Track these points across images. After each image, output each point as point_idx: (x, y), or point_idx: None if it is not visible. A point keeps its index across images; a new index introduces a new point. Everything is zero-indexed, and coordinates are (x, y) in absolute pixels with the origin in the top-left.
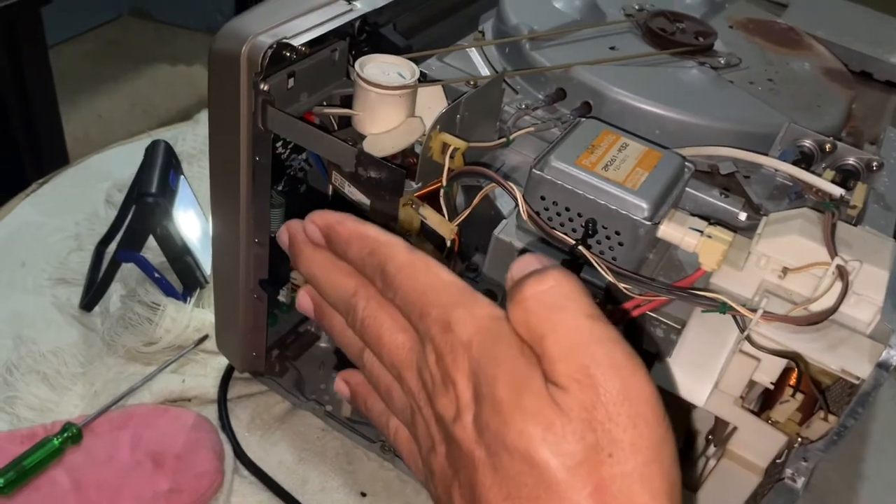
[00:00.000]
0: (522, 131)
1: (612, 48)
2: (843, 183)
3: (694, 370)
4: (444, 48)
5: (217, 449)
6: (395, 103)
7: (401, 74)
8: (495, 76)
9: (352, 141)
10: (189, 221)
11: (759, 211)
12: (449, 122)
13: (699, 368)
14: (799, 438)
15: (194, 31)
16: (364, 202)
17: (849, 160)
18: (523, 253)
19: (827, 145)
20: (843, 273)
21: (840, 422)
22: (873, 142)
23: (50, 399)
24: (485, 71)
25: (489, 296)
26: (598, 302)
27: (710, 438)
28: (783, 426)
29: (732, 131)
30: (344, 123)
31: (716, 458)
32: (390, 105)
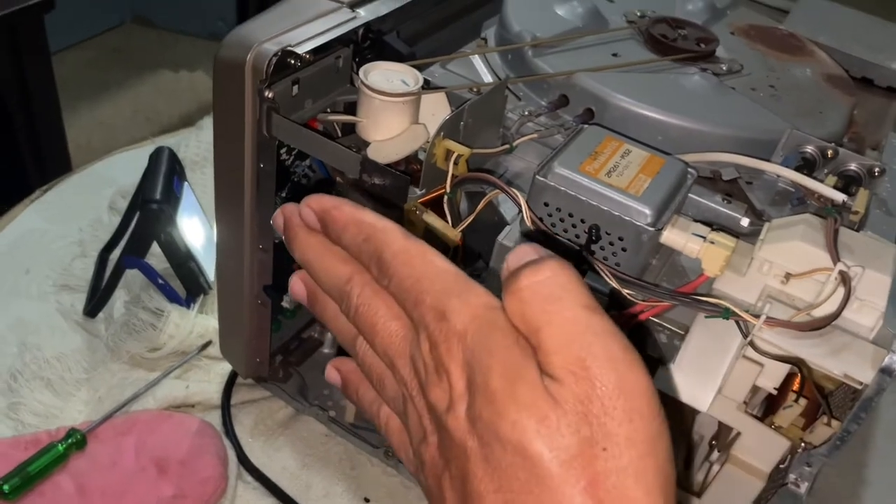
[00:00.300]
0: (525, 138)
1: (615, 55)
2: (846, 189)
3: (697, 375)
4: (448, 55)
5: (221, 454)
6: (399, 110)
7: (404, 81)
8: (498, 83)
9: (356, 148)
10: (193, 228)
11: (762, 217)
12: (452, 129)
13: (702, 374)
14: (802, 443)
15: (197, 38)
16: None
17: (851, 166)
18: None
19: (829, 151)
20: (846, 278)
21: (843, 427)
22: (875, 147)
23: (54, 405)
24: (488, 78)
25: None
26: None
27: (714, 444)
28: (786, 431)
29: (734, 137)
30: (348, 130)
31: (719, 464)
32: (394, 112)
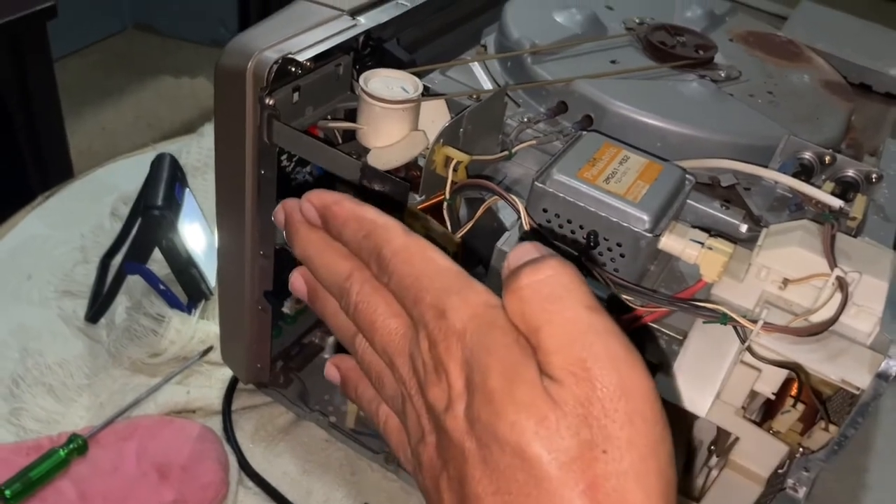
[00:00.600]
0: (524, 144)
1: (613, 62)
2: (843, 195)
3: (696, 381)
4: (447, 62)
5: (222, 460)
6: (399, 117)
7: (404, 88)
8: (498, 90)
9: (356, 154)
10: (194, 234)
11: (760, 223)
12: (452, 136)
13: (701, 379)
14: (800, 448)
15: (198, 45)
16: None
17: (848, 172)
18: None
19: (826, 157)
20: (843, 284)
21: (840, 432)
22: (873, 153)
23: (56, 410)
24: (487, 85)
25: None
26: None
27: (713, 449)
28: (784, 436)
29: (732, 144)
30: (348, 137)
31: (718, 469)
32: (394, 119)
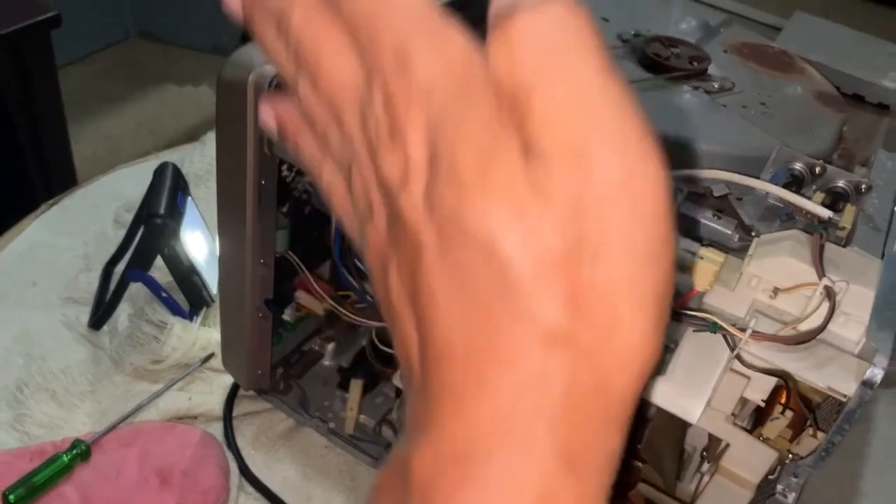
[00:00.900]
0: None
1: None
2: (833, 205)
3: (687, 388)
4: None
5: (223, 465)
6: None
7: None
8: None
9: None
10: (196, 242)
11: (751, 232)
12: None
13: (692, 386)
14: (790, 455)
15: (201, 53)
16: None
17: (838, 183)
18: None
19: (817, 168)
20: (831, 293)
21: (828, 438)
22: (865, 164)
23: (59, 416)
24: None
25: None
26: None
27: (704, 455)
28: (774, 443)
29: (725, 154)
30: None
31: (709, 474)
32: None
